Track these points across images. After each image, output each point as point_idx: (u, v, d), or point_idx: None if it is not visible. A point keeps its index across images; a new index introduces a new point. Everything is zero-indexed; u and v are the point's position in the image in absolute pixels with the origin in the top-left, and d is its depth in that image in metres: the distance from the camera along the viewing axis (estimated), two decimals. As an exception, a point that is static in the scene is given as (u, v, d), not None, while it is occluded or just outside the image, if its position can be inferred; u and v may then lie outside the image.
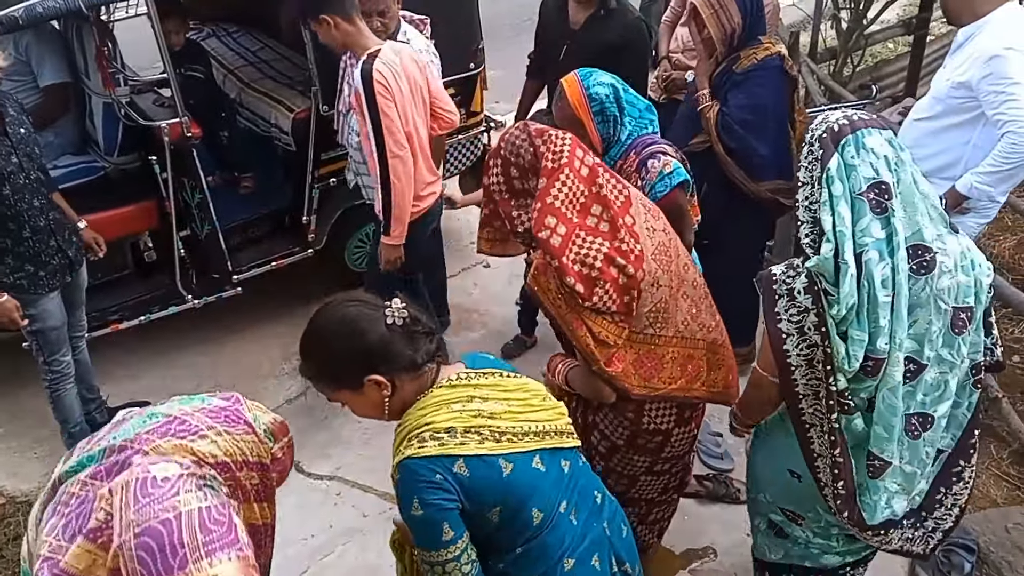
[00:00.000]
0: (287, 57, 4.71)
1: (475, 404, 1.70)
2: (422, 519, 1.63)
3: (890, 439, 1.98)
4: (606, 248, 2.06)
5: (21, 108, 3.09)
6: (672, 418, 2.36)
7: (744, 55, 3.22)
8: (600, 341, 2.10)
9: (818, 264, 1.87)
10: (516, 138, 2.13)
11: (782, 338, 1.95)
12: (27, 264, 3.06)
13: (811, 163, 1.93)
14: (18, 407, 3.90)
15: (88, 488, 1.38)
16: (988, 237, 4.67)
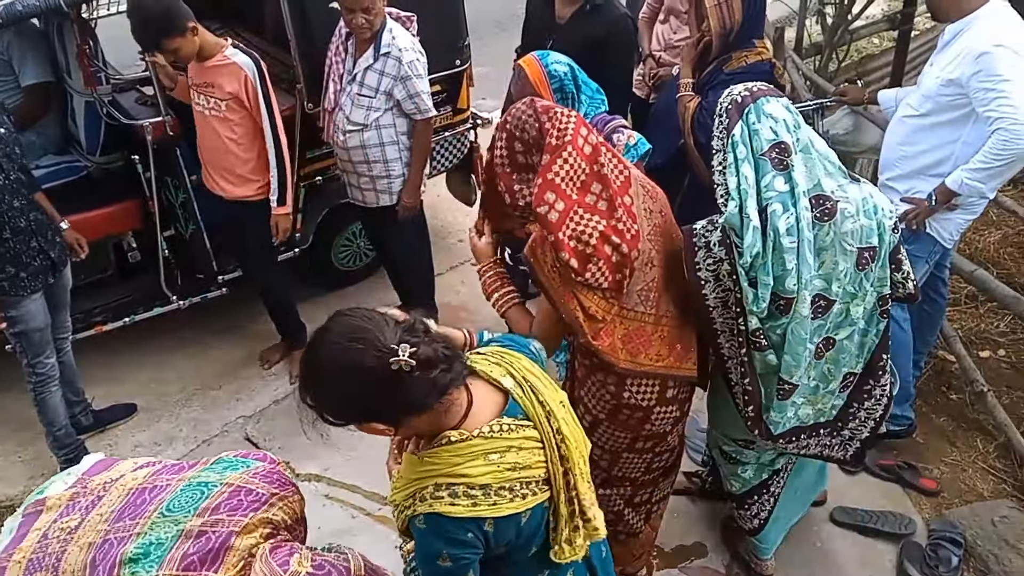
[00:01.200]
0: (271, 54, 4.66)
1: (512, 456, 1.61)
2: (446, 570, 1.60)
3: (797, 366, 2.30)
4: (602, 226, 2.11)
5: (1, 108, 3.05)
6: (654, 396, 2.38)
7: (736, 56, 3.17)
8: (590, 316, 2.16)
9: (727, 219, 2.17)
10: (523, 113, 2.17)
11: (700, 284, 2.26)
12: (8, 266, 3.03)
13: (721, 132, 2.21)
14: (2, 411, 3.85)
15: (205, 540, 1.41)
16: (973, 232, 4.70)
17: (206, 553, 1.42)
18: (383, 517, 3.24)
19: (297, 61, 3.71)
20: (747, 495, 2.82)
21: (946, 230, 3.10)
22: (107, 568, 1.46)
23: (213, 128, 3.44)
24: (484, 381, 1.69)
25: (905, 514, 3.22)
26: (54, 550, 1.53)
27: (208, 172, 3.58)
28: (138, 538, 1.46)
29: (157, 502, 1.52)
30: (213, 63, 3.34)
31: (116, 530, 1.51)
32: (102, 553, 1.48)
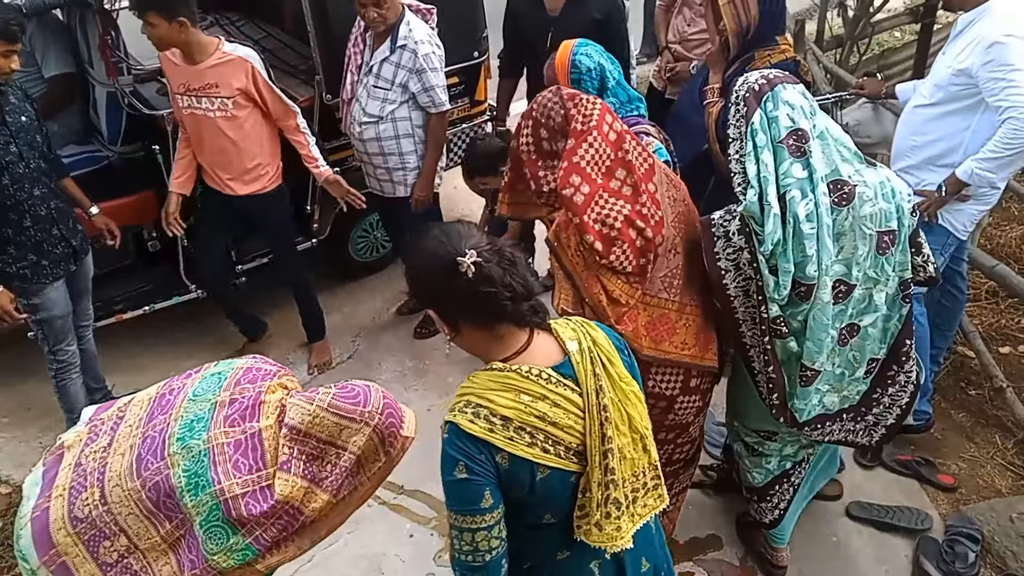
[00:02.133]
0: (290, 46, 4.69)
1: (543, 405, 1.64)
2: (464, 483, 1.63)
3: (820, 352, 2.29)
4: (627, 210, 2.14)
5: (25, 96, 3.09)
6: (678, 385, 2.39)
7: (759, 56, 3.07)
8: (613, 300, 2.18)
9: (747, 208, 2.15)
10: (548, 100, 2.21)
11: (721, 274, 2.27)
12: (30, 253, 3.06)
13: (738, 120, 2.19)
14: (24, 397, 3.91)
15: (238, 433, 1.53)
16: (994, 227, 4.65)
17: (244, 411, 1.56)
18: (398, 506, 3.27)
19: (316, 52, 3.72)
20: (768, 486, 2.79)
21: (959, 221, 3.08)
22: (156, 452, 1.54)
23: (218, 130, 3.38)
24: (552, 338, 1.75)
25: (922, 509, 3.20)
26: (93, 468, 1.58)
27: (213, 174, 3.54)
28: (176, 422, 1.56)
29: (181, 396, 1.62)
30: (213, 62, 3.28)
31: (152, 427, 1.59)
32: (146, 447, 1.56)
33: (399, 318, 4.31)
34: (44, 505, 1.60)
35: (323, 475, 1.57)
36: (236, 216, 3.68)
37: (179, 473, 1.50)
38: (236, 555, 1.50)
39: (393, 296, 4.42)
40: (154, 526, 1.53)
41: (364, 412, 1.57)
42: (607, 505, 1.68)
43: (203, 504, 1.49)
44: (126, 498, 1.53)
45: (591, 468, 1.67)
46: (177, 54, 3.30)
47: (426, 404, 3.76)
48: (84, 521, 1.55)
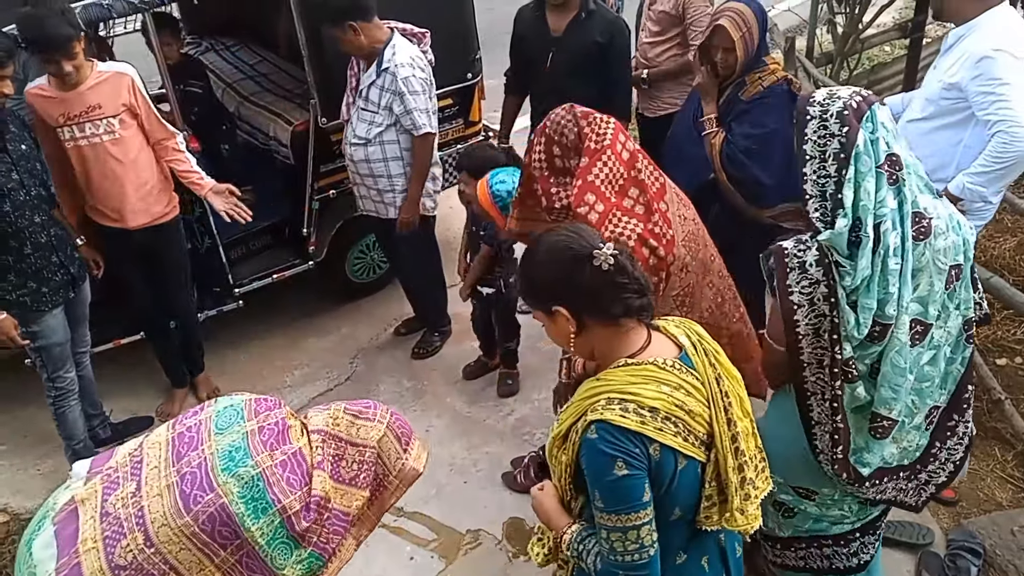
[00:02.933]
0: (285, 70, 4.73)
1: (680, 395, 1.68)
2: (625, 480, 1.62)
3: (897, 399, 2.06)
4: (640, 229, 2.16)
5: (23, 124, 3.10)
6: None
7: (750, 80, 3.13)
8: None
9: (831, 238, 1.93)
10: (562, 118, 2.24)
11: (793, 310, 2.01)
12: (30, 281, 3.07)
13: (823, 138, 1.94)
14: (21, 424, 3.90)
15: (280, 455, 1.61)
16: (988, 239, 4.67)
17: (276, 436, 1.62)
18: (398, 528, 3.25)
19: (310, 76, 3.75)
20: (790, 542, 2.45)
21: None
22: (202, 486, 1.56)
23: (107, 155, 3.25)
24: (662, 335, 1.80)
25: (923, 524, 3.19)
26: (129, 515, 1.59)
27: (106, 209, 3.36)
28: (214, 456, 1.60)
29: (204, 431, 1.65)
30: (91, 83, 3.17)
31: (186, 464, 1.60)
32: (188, 483, 1.57)
33: (397, 339, 4.32)
34: (73, 562, 1.58)
35: (351, 474, 1.67)
36: (139, 255, 3.54)
37: (235, 500, 1.55)
38: (303, 565, 1.59)
39: (390, 317, 4.43)
40: (208, 557, 1.57)
41: (375, 412, 1.70)
42: (744, 487, 1.73)
43: (268, 525, 1.56)
44: (177, 535, 1.55)
45: (723, 455, 1.70)
46: (48, 86, 3.16)
47: (424, 425, 3.75)
48: (128, 568, 1.55)
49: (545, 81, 3.78)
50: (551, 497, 1.87)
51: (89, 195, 3.35)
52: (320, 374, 4.14)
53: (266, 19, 4.71)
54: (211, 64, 4.88)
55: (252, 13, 4.87)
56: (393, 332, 4.36)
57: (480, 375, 4.04)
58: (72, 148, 3.24)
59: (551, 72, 3.73)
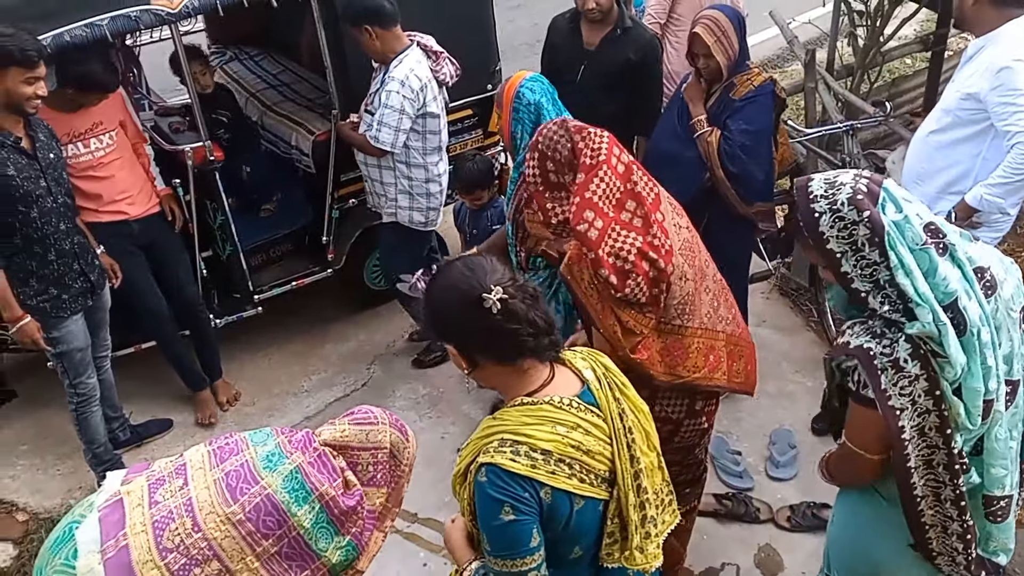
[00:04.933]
0: (307, 80, 4.78)
1: (577, 435, 1.64)
2: (512, 525, 1.60)
3: (1008, 472, 1.88)
4: (639, 243, 2.17)
5: (51, 134, 3.16)
6: (683, 409, 2.43)
7: (739, 81, 3.27)
8: (627, 330, 2.21)
9: (923, 328, 1.73)
10: (554, 134, 2.23)
11: (896, 415, 1.79)
12: (51, 287, 3.12)
13: (845, 229, 1.76)
14: (42, 424, 3.95)
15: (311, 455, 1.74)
16: (1009, 252, 4.62)
17: (303, 442, 1.75)
18: (412, 535, 3.26)
19: (332, 86, 3.79)
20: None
21: None
22: (248, 480, 1.70)
23: (109, 161, 3.45)
24: (567, 369, 1.76)
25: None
26: (179, 504, 1.70)
27: (103, 208, 3.49)
28: (254, 459, 1.75)
29: (242, 444, 1.79)
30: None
31: (229, 465, 1.75)
32: (234, 479, 1.71)
33: (414, 346, 4.34)
34: (121, 544, 1.68)
35: (368, 476, 1.79)
36: (142, 246, 3.63)
37: (280, 490, 1.69)
38: (342, 552, 1.70)
39: (407, 324, 4.45)
40: (250, 545, 1.68)
41: (375, 416, 1.79)
42: (644, 525, 1.70)
43: (311, 510, 1.69)
44: (224, 522, 1.67)
45: (624, 492, 1.67)
46: (48, 109, 3.19)
47: (439, 432, 3.76)
48: (175, 551, 1.66)
49: (574, 94, 3.77)
50: (459, 530, 1.85)
51: (87, 199, 3.44)
52: (337, 380, 4.16)
53: (289, 29, 4.77)
54: (235, 73, 4.95)
55: (275, 23, 4.94)
56: (407, 338, 4.38)
57: None
58: (73, 163, 3.36)
59: (581, 85, 3.74)
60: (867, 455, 1.90)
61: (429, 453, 3.32)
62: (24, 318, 3.04)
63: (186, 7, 3.33)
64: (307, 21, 3.90)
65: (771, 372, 3.86)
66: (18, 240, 3.00)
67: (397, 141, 3.51)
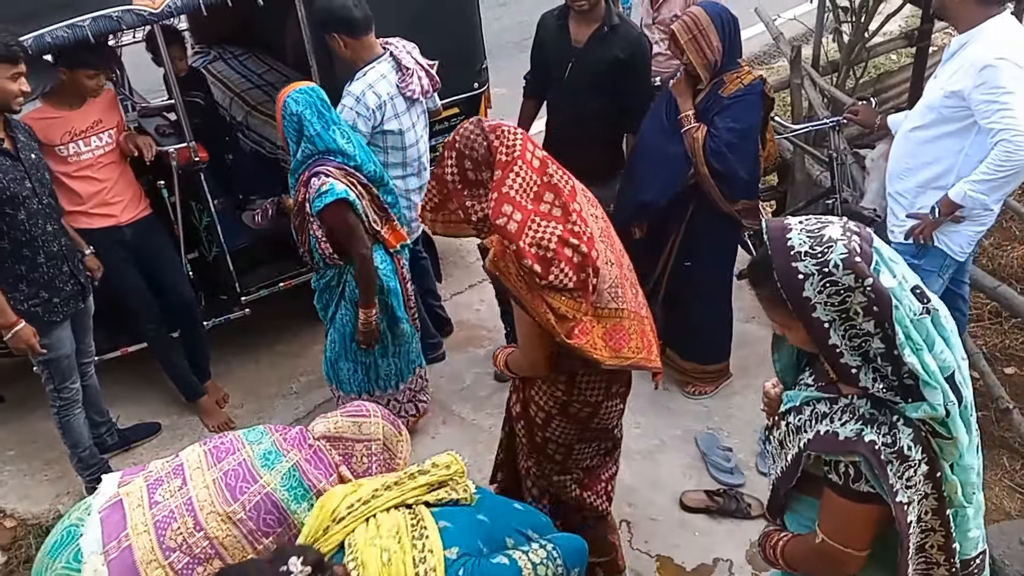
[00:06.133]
0: (292, 79, 4.75)
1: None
2: None
3: (981, 530, 1.80)
4: (560, 231, 2.23)
5: (30, 134, 3.13)
6: (602, 392, 2.52)
7: (729, 79, 3.29)
8: (560, 316, 2.25)
9: (931, 412, 1.54)
10: (471, 132, 2.29)
11: (905, 510, 1.59)
12: (41, 291, 3.08)
13: (836, 295, 1.52)
14: (28, 430, 3.92)
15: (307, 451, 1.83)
16: (996, 247, 4.66)
17: (297, 438, 1.83)
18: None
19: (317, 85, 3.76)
20: None
21: (955, 243, 3.09)
22: (247, 479, 1.75)
23: (107, 162, 3.45)
24: None
25: (930, 533, 3.17)
26: (180, 504, 1.74)
27: (96, 211, 3.46)
28: (252, 458, 1.80)
29: (238, 443, 1.84)
30: (91, 99, 3.39)
31: (227, 464, 1.79)
32: (232, 478, 1.76)
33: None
34: (124, 545, 1.68)
35: (363, 468, 1.87)
36: (132, 250, 3.59)
37: (279, 489, 1.75)
38: None
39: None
40: (251, 544, 1.73)
41: (368, 409, 1.89)
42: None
43: (310, 507, 1.75)
44: (224, 521, 1.72)
45: None
46: (47, 107, 3.29)
47: (431, 432, 3.76)
48: (177, 550, 1.70)
49: (562, 91, 3.79)
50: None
51: (82, 202, 3.42)
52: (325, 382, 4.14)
53: (274, 29, 4.74)
54: (219, 73, 4.92)
55: (260, 23, 4.91)
56: None
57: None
58: (74, 162, 3.35)
59: (569, 83, 3.74)
60: (856, 552, 1.69)
61: (420, 453, 3.31)
62: (19, 323, 3.00)
63: (168, 7, 3.30)
64: (291, 21, 3.88)
65: (760, 368, 3.87)
66: (6, 244, 2.97)
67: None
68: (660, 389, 3.96)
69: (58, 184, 3.29)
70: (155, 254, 3.67)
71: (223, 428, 3.84)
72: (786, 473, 1.76)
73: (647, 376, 3.97)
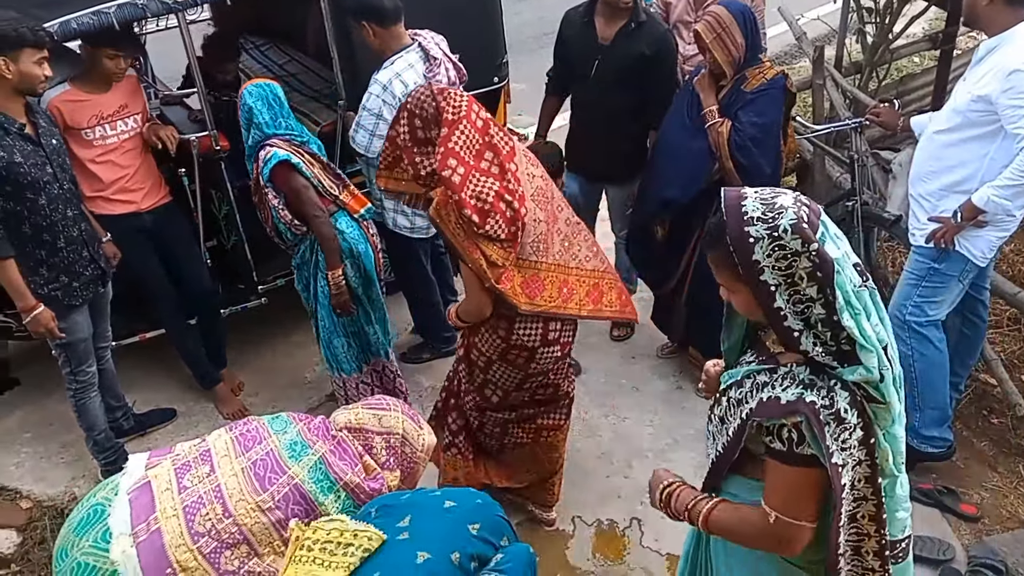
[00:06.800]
0: (314, 70, 4.77)
1: None
2: None
3: (908, 513, 1.82)
4: (497, 187, 2.50)
5: (51, 120, 3.16)
6: (538, 337, 2.75)
7: (751, 74, 3.34)
8: (491, 263, 2.54)
9: (865, 375, 1.59)
10: (421, 95, 2.52)
11: (840, 472, 1.61)
12: (61, 275, 3.11)
13: (784, 259, 1.57)
14: (45, 412, 3.96)
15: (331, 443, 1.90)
16: (1016, 253, 4.61)
17: (320, 429, 1.88)
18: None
19: (339, 76, 3.78)
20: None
21: (977, 248, 3.06)
22: (275, 470, 1.80)
23: (131, 147, 3.49)
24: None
25: (944, 539, 3.16)
26: (208, 490, 1.79)
27: (118, 197, 3.49)
28: (279, 448, 1.84)
29: (264, 432, 1.88)
30: (117, 84, 3.42)
31: (255, 454, 1.84)
32: (260, 468, 1.81)
33: (415, 338, 4.33)
34: (153, 528, 1.72)
35: (382, 460, 1.90)
36: (151, 236, 3.62)
37: (306, 480, 1.79)
38: None
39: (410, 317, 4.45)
40: (278, 532, 1.78)
41: (388, 403, 1.93)
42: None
43: (336, 499, 1.81)
44: (254, 509, 1.77)
45: None
46: (75, 90, 3.33)
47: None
48: (206, 535, 1.75)
49: (589, 88, 3.79)
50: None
51: (103, 187, 3.45)
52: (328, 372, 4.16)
53: (296, 19, 4.76)
54: (241, 64, 4.93)
55: (282, 13, 4.93)
56: (411, 331, 4.38)
57: None
58: (99, 146, 3.38)
59: (596, 80, 3.74)
60: (808, 525, 1.68)
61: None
62: (38, 307, 3.03)
63: (193, -4, 3.32)
64: (313, 11, 3.89)
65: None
66: (27, 228, 2.99)
67: (371, 145, 3.43)
68: (674, 388, 3.97)
69: (80, 169, 3.32)
70: (174, 241, 3.70)
71: (238, 416, 3.86)
72: (728, 448, 1.79)
73: (663, 375, 4.00)
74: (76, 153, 3.32)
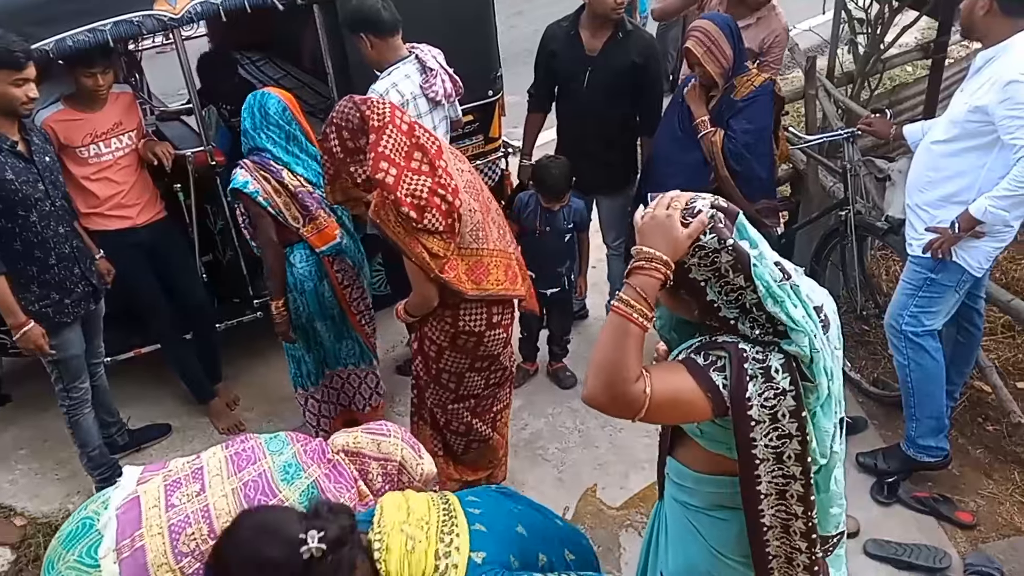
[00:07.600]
0: (308, 85, 4.80)
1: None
2: None
3: (842, 510, 1.88)
4: (429, 183, 2.63)
5: (45, 138, 3.16)
6: (483, 322, 2.91)
7: (739, 83, 3.41)
8: (433, 255, 2.68)
9: (803, 352, 1.65)
10: (345, 107, 2.63)
11: (750, 425, 1.66)
12: (52, 292, 3.11)
13: (706, 257, 1.65)
14: (40, 429, 3.95)
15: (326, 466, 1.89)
16: (1009, 260, 4.63)
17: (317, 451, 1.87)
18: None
19: (334, 91, 3.80)
20: None
21: (973, 258, 3.06)
22: (266, 492, 1.77)
23: (126, 164, 3.49)
24: None
25: (940, 547, 3.15)
26: (196, 509, 1.75)
27: (113, 213, 3.50)
28: (272, 469, 1.82)
29: (259, 452, 1.86)
30: (111, 101, 3.43)
31: (247, 475, 1.82)
32: (252, 489, 1.79)
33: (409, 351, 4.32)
34: (137, 544, 1.69)
35: (377, 487, 1.90)
36: (147, 253, 3.63)
37: (297, 505, 1.76)
38: None
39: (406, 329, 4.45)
40: None
41: (388, 429, 1.94)
42: None
43: None
44: None
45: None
46: (69, 109, 3.33)
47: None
48: (190, 555, 1.72)
49: (580, 100, 3.81)
50: None
51: (99, 203, 3.45)
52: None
53: (291, 34, 4.78)
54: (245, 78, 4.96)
55: (277, 28, 4.95)
56: (407, 344, 4.38)
57: (520, 384, 4.03)
58: (94, 163, 3.39)
59: (587, 91, 3.76)
60: (647, 406, 1.63)
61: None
62: (28, 323, 3.03)
63: (189, 12, 3.34)
64: (309, 26, 3.91)
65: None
66: (18, 245, 2.99)
67: None
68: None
69: (76, 186, 3.33)
70: (169, 256, 3.70)
71: (233, 431, 3.86)
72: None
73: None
74: (71, 171, 3.33)
